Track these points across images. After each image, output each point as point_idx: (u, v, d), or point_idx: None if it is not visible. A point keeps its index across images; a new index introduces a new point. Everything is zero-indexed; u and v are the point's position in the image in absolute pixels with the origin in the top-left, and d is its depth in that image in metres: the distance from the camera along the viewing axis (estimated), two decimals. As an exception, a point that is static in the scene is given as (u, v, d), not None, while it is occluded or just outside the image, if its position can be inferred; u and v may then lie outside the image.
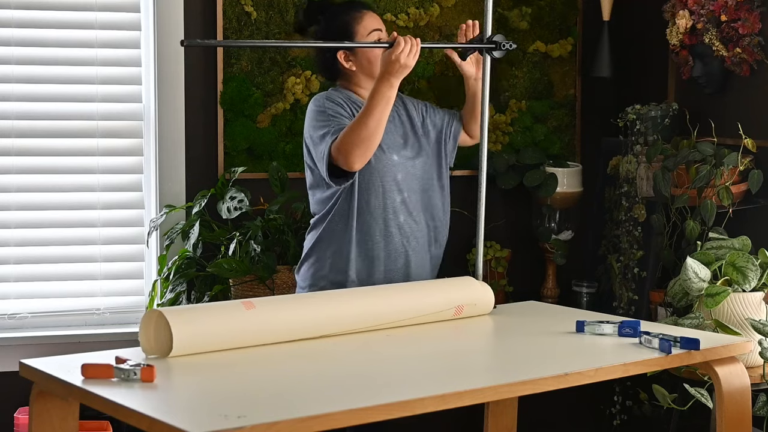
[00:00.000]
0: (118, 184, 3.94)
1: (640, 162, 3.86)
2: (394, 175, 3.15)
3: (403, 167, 3.17)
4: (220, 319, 2.45)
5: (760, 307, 3.21)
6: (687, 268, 3.18)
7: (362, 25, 3.18)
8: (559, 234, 4.14)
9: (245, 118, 3.93)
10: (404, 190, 3.16)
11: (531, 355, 2.57)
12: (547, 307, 3.21)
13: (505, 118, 4.21)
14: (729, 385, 2.60)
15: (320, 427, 2.01)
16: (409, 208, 3.18)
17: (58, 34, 3.85)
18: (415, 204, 3.19)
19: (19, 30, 3.81)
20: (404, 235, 3.17)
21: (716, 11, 3.63)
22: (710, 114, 3.75)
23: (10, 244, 3.86)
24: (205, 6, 3.91)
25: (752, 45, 3.56)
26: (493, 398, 2.34)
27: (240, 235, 3.70)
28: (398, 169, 3.16)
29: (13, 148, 3.84)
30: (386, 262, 3.16)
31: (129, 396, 2.10)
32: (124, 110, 3.93)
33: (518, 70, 4.23)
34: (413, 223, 3.19)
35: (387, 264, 3.16)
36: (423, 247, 3.22)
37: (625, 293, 3.93)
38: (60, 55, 3.85)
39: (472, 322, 2.89)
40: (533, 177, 4.08)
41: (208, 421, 1.94)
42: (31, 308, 3.90)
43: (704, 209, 3.50)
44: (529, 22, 4.22)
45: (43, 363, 2.33)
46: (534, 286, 4.22)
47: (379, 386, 2.26)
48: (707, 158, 3.57)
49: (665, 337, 2.55)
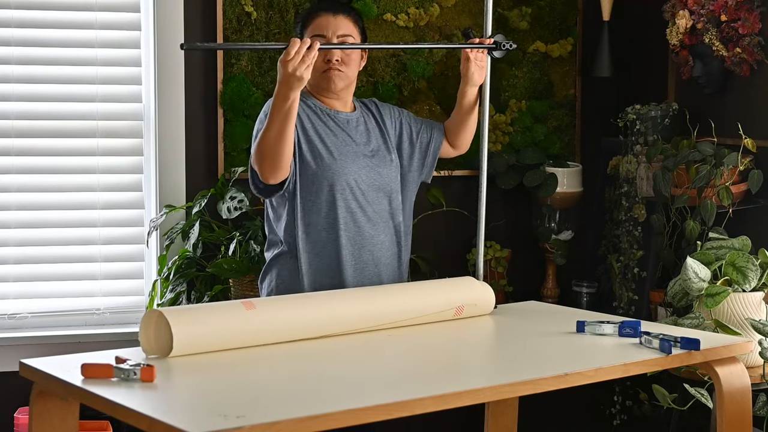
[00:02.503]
0: (118, 184, 3.94)
1: (640, 162, 3.86)
2: (346, 184, 2.98)
3: (359, 176, 3.01)
4: (220, 320, 2.44)
5: (760, 307, 3.21)
6: (687, 268, 3.18)
7: (309, 29, 3.01)
8: (559, 234, 4.14)
9: (245, 118, 3.93)
10: (359, 200, 3.00)
11: (531, 355, 2.57)
12: (547, 307, 3.21)
13: (505, 118, 4.21)
14: (729, 385, 2.60)
15: (320, 427, 2.01)
16: (363, 219, 3.02)
17: (58, 34, 3.85)
18: (371, 215, 3.03)
19: (19, 30, 3.81)
20: (358, 246, 3.01)
21: (716, 11, 3.63)
22: (710, 114, 3.75)
23: (10, 244, 3.86)
24: (205, 6, 3.91)
25: (752, 45, 3.56)
26: (493, 398, 2.34)
27: (240, 235, 3.71)
28: (354, 178, 3.00)
29: (13, 148, 3.84)
30: (336, 277, 3.00)
31: (129, 396, 2.10)
32: (124, 110, 3.93)
33: (518, 70, 4.23)
34: (370, 234, 3.03)
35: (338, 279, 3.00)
36: (387, 261, 3.07)
37: (625, 293, 3.93)
38: (60, 55, 3.85)
39: (472, 322, 2.89)
40: (533, 177, 4.08)
41: (208, 421, 1.94)
42: (31, 308, 3.90)
43: (704, 209, 3.50)
44: (529, 22, 4.22)
45: (43, 363, 2.33)
46: (534, 286, 4.22)
47: (379, 386, 2.26)
48: (707, 158, 3.57)
49: (665, 337, 2.55)
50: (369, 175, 3.04)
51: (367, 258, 3.02)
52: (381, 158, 3.08)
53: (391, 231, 3.08)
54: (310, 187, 2.97)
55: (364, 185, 3.02)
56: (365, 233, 3.02)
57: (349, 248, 3.00)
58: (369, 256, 3.03)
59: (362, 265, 3.02)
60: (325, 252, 2.99)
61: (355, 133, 3.06)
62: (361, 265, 3.02)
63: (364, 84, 4.03)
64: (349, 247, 3.00)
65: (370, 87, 4.05)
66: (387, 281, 3.07)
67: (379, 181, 3.05)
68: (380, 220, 3.05)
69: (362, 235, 3.02)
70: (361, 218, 3.02)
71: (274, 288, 3.03)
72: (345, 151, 3.01)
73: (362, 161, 3.03)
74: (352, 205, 3.00)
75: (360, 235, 3.01)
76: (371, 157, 3.06)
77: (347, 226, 2.99)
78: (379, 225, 3.05)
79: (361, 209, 3.01)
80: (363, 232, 3.02)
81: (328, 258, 2.99)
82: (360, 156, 3.04)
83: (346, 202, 2.99)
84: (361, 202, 3.01)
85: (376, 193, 3.05)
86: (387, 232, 3.07)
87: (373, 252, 3.03)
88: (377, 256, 3.04)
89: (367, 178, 3.03)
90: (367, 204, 3.02)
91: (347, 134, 3.04)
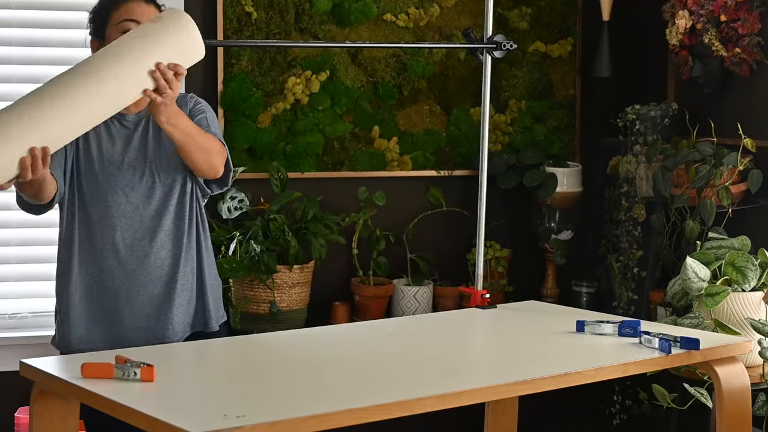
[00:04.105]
0: (119, 184, 3.93)
1: (639, 162, 3.87)
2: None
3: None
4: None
5: (759, 307, 3.21)
6: (687, 267, 3.18)
7: (117, 13, 2.78)
8: (559, 234, 4.15)
9: (245, 118, 3.93)
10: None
11: (531, 355, 2.57)
12: (547, 307, 3.21)
13: (505, 118, 4.21)
14: (729, 385, 2.60)
15: (320, 427, 2.01)
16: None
17: (58, 35, 3.84)
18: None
19: (19, 30, 3.81)
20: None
21: (716, 11, 3.63)
22: (710, 114, 3.76)
23: (11, 243, 3.86)
24: (206, 6, 3.91)
25: (752, 45, 3.56)
26: (492, 398, 2.35)
27: (240, 235, 3.71)
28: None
29: (14, 148, 3.83)
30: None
31: (129, 395, 2.10)
32: (125, 110, 3.92)
33: (518, 70, 4.23)
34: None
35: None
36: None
37: (625, 293, 3.94)
38: (61, 55, 3.85)
39: (472, 322, 2.90)
40: (533, 177, 4.08)
41: (208, 421, 1.94)
42: (32, 308, 3.90)
43: (704, 209, 3.50)
44: (529, 22, 4.22)
45: (43, 363, 2.33)
46: (534, 286, 4.22)
47: (379, 386, 2.26)
48: (707, 158, 3.57)
49: (665, 337, 2.55)
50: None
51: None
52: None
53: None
54: None
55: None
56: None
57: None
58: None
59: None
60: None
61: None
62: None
63: (364, 84, 4.03)
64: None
65: (370, 87, 4.05)
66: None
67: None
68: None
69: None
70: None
71: None
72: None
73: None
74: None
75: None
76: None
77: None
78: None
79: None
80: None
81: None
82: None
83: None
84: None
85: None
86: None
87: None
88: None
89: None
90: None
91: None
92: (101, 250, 2.81)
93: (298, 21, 3.95)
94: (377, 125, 4.06)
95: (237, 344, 2.65)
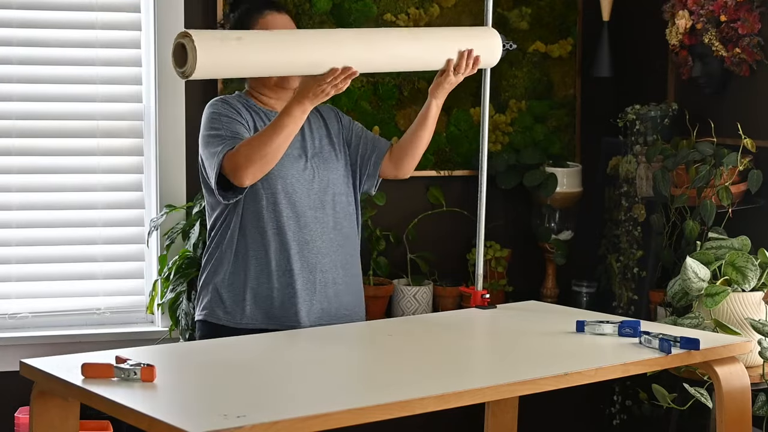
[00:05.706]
0: (119, 184, 3.94)
1: (639, 162, 3.87)
2: (285, 187, 2.95)
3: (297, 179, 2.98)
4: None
5: (759, 307, 3.21)
6: (687, 268, 3.19)
7: (263, 20, 2.99)
8: (559, 234, 4.15)
9: (245, 118, 3.93)
10: (297, 205, 2.96)
11: (531, 355, 2.57)
12: (547, 307, 3.21)
13: (505, 118, 4.21)
14: (729, 385, 2.61)
15: (320, 427, 2.01)
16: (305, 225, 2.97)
17: (58, 34, 3.85)
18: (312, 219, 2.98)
19: (20, 30, 3.81)
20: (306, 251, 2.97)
21: (716, 11, 3.63)
22: (710, 114, 3.76)
23: (11, 243, 3.86)
24: (206, 6, 3.91)
25: (752, 45, 3.56)
26: (493, 398, 2.35)
27: (240, 235, 3.71)
28: (291, 181, 2.97)
29: (14, 148, 3.84)
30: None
31: (129, 396, 2.10)
32: (125, 110, 3.93)
33: (518, 70, 4.23)
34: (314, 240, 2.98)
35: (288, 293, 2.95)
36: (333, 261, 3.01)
37: (625, 293, 3.94)
38: (61, 55, 3.85)
39: (472, 322, 2.90)
40: (533, 177, 4.08)
41: (208, 421, 1.94)
42: (32, 308, 3.90)
43: (704, 209, 3.50)
44: (529, 22, 4.22)
45: (43, 363, 2.34)
46: (534, 285, 4.22)
47: (379, 386, 2.26)
48: (707, 158, 3.58)
49: (665, 337, 2.56)
50: (306, 177, 2.99)
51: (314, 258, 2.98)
52: (324, 158, 3.04)
53: (333, 233, 3.01)
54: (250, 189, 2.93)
55: (303, 188, 2.97)
56: (308, 234, 2.97)
57: (296, 248, 2.95)
58: (315, 258, 2.97)
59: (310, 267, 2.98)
60: (270, 254, 2.95)
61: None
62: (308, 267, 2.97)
63: (364, 84, 4.04)
64: (296, 248, 2.95)
65: (370, 87, 4.05)
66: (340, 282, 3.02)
67: (319, 184, 3.01)
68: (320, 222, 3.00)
69: (304, 236, 2.97)
70: (302, 221, 2.97)
71: (220, 283, 2.98)
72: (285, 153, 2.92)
73: (301, 163, 2.99)
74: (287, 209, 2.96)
75: (301, 234, 2.96)
76: (312, 158, 3.02)
77: (288, 227, 2.95)
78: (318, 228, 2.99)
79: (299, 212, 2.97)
80: (306, 234, 2.97)
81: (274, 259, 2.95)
82: (299, 158, 2.99)
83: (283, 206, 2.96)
84: (299, 204, 2.97)
85: (317, 196, 3.00)
86: (328, 234, 3.01)
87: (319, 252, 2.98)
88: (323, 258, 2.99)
89: (306, 180, 2.98)
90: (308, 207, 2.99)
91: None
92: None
93: (298, 21, 3.95)
94: (377, 125, 4.06)
95: (237, 344, 2.65)
